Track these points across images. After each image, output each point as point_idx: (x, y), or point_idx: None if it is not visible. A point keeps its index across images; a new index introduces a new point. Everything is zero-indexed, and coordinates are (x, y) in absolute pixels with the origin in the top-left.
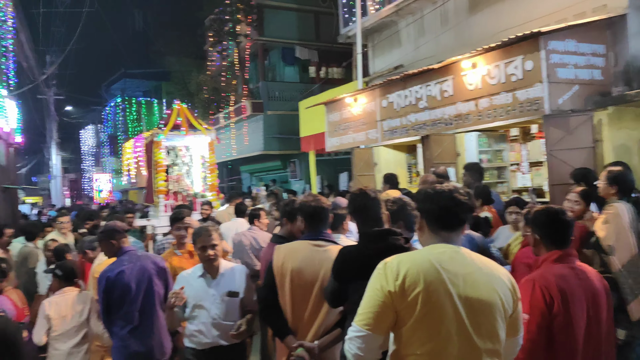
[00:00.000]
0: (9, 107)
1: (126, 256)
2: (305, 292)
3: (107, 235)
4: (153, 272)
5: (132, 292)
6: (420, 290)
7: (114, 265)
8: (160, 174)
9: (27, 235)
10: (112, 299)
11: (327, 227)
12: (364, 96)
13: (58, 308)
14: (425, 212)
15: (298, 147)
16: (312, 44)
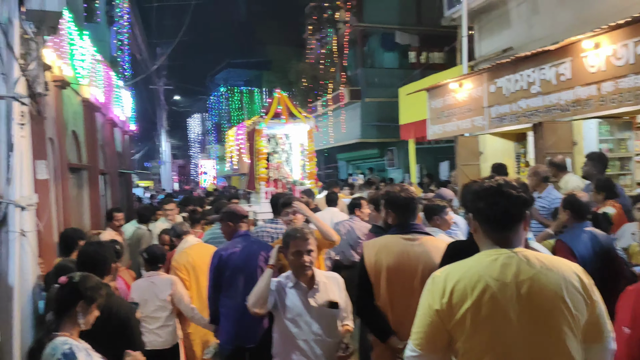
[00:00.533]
0: (124, 97)
1: (240, 239)
2: (404, 289)
3: (226, 216)
4: (261, 259)
5: (240, 274)
6: (469, 306)
7: (228, 245)
8: (261, 161)
9: (140, 218)
10: (222, 277)
11: (415, 219)
12: (470, 81)
13: (140, 292)
14: (475, 212)
15: (396, 135)
16: (412, 28)
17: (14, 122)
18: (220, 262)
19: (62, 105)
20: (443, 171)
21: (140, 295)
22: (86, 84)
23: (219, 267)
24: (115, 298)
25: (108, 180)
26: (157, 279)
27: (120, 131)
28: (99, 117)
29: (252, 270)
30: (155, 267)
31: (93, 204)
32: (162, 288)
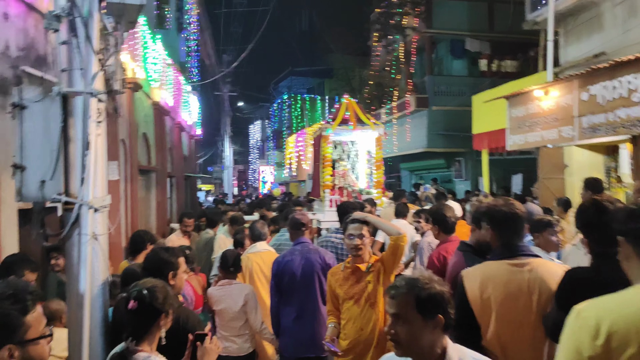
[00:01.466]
0: (192, 102)
1: (299, 247)
2: (517, 326)
3: (290, 225)
4: (318, 267)
5: (297, 282)
6: (634, 352)
7: (287, 252)
8: (327, 168)
9: (209, 223)
10: (281, 284)
11: (522, 239)
12: (557, 89)
13: (215, 300)
14: (631, 235)
15: (464, 145)
16: (484, 34)
17: (90, 120)
18: (278, 270)
19: (134, 107)
20: (515, 184)
21: (215, 306)
22: (157, 87)
23: (277, 274)
24: (182, 309)
25: (174, 183)
26: (231, 288)
27: (187, 135)
28: (168, 121)
29: (309, 278)
30: (230, 274)
31: (160, 206)
32: (237, 298)
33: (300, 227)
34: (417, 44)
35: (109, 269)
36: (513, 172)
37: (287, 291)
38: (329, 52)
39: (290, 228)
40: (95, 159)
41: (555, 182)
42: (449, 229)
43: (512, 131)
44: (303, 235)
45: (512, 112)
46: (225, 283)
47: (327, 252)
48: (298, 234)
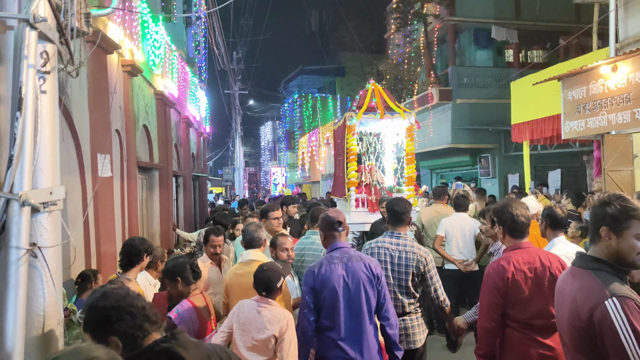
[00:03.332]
0: (200, 96)
1: (337, 253)
2: None
3: (323, 225)
4: (365, 279)
5: (338, 296)
6: None
7: (323, 260)
8: (352, 163)
9: None
10: (319, 299)
11: None
12: (629, 63)
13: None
14: None
15: (491, 140)
16: (510, 22)
17: (27, 65)
18: (315, 283)
19: (131, 94)
20: (553, 181)
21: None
22: (159, 74)
23: (315, 289)
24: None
25: (181, 183)
26: (264, 307)
27: (195, 132)
28: (174, 114)
29: (355, 293)
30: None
31: (164, 208)
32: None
33: (335, 227)
34: (438, 33)
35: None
36: (549, 168)
37: (328, 308)
38: (340, 50)
39: (323, 229)
40: (37, 128)
41: (623, 175)
42: (519, 232)
43: (568, 117)
44: (340, 238)
45: (569, 95)
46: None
47: (372, 260)
48: (333, 236)
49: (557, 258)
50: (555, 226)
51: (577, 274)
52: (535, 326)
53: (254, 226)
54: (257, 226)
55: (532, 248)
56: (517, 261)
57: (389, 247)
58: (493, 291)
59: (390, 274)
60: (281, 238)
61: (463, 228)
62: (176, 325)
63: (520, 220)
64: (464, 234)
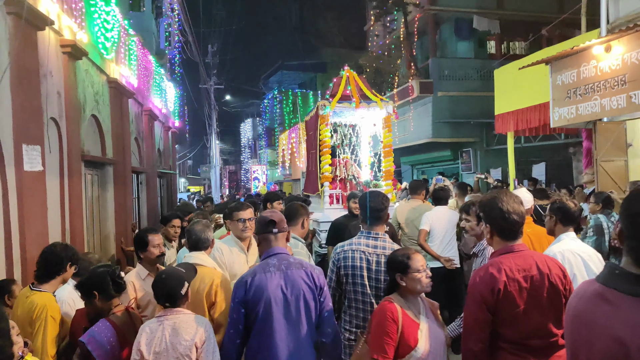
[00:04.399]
0: (168, 89)
1: (274, 260)
2: None
3: (257, 227)
4: (306, 289)
5: (274, 311)
6: None
7: (257, 269)
8: (326, 156)
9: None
10: (250, 315)
11: None
12: (624, 42)
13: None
14: None
15: (473, 134)
16: (492, 12)
17: None
18: (247, 296)
19: (74, 79)
20: (538, 175)
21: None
22: (112, 59)
23: (245, 302)
24: None
25: (144, 180)
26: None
27: (161, 126)
28: (134, 106)
29: (293, 306)
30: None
31: (120, 207)
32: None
33: (269, 229)
34: (418, 23)
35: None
36: (533, 161)
37: (260, 325)
38: (321, 45)
39: (257, 232)
40: None
41: (616, 165)
42: (510, 232)
43: (558, 103)
44: (277, 242)
45: (558, 79)
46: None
47: (314, 267)
48: (268, 240)
49: (557, 264)
50: (567, 221)
51: (618, 302)
52: (531, 347)
53: (200, 225)
54: (205, 225)
55: (527, 252)
56: (510, 268)
57: (365, 250)
58: (480, 305)
59: (366, 282)
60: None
61: (446, 223)
62: (90, 352)
63: (512, 218)
64: (447, 229)
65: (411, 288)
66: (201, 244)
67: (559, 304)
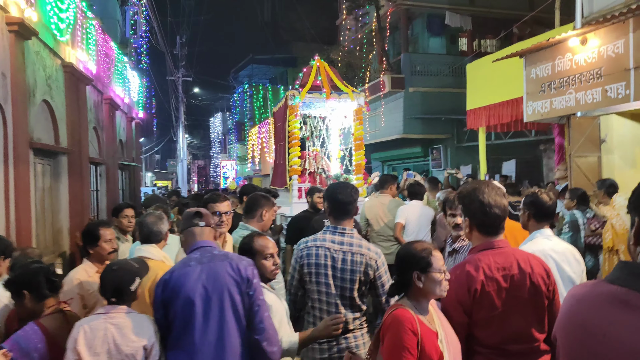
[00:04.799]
0: (131, 78)
1: (197, 254)
2: None
3: (182, 221)
4: (231, 283)
5: (195, 309)
6: None
7: (179, 265)
8: (294, 148)
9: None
10: (169, 316)
11: None
12: (600, 35)
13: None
14: None
15: (444, 130)
16: (464, 9)
17: None
18: (165, 294)
19: (22, 61)
20: (507, 172)
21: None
22: (66, 41)
23: (164, 301)
24: None
25: (103, 172)
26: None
27: (124, 116)
28: (92, 93)
29: (216, 303)
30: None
31: (75, 199)
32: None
33: (194, 221)
34: (390, 18)
35: None
36: (504, 158)
37: (179, 327)
38: (292, 40)
39: (182, 227)
40: None
41: (589, 161)
42: (490, 227)
43: (532, 97)
44: (203, 236)
45: (532, 73)
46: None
47: (242, 259)
48: (193, 234)
49: (540, 262)
50: (542, 216)
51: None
52: (511, 352)
53: (153, 217)
54: (158, 217)
55: (508, 248)
56: (489, 266)
57: (330, 246)
58: (455, 307)
59: (331, 282)
60: (260, 239)
61: (421, 217)
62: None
63: (494, 212)
64: (421, 224)
65: (429, 290)
66: (153, 236)
67: (542, 306)
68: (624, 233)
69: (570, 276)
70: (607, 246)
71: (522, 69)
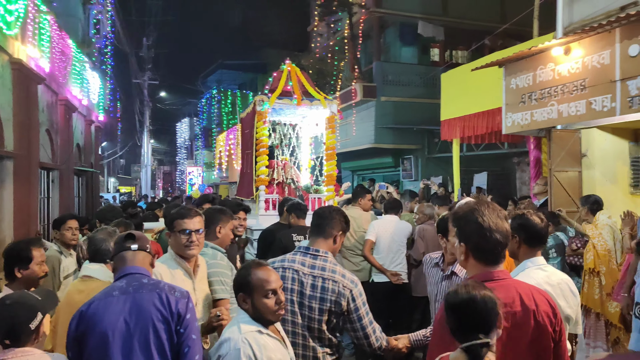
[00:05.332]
0: (91, 79)
1: (123, 282)
2: None
3: (114, 247)
4: (157, 318)
5: (111, 348)
6: None
7: (101, 294)
8: (262, 156)
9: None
10: (84, 353)
11: None
12: (585, 45)
13: None
14: None
15: (415, 140)
16: (437, 18)
17: None
18: (79, 329)
19: None
20: (478, 184)
21: None
22: (15, 36)
23: (78, 337)
24: None
25: (56, 178)
26: None
27: (81, 119)
28: (45, 93)
29: (139, 339)
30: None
31: (21, 207)
32: None
33: (126, 245)
34: (363, 26)
35: None
36: (476, 170)
37: None
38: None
39: (113, 252)
40: None
41: (570, 176)
42: (490, 255)
43: (511, 108)
44: (134, 261)
45: (512, 83)
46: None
47: (176, 289)
48: (123, 259)
49: (545, 297)
50: (534, 242)
51: None
52: None
53: (103, 233)
54: (108, 234)
55: (510, 281)
56: None
57: (299, 269)
58: (448, 346)
59: (297, 310)
60: (260, 271)
61: (395, 233)
62: None
63: (494, 237)
64: (394, 240)
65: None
66: (100, 255)
67: (547, 348)
68: (606, 254)
69: (567, 313)
70: (588, 267)
71: (499, 79)
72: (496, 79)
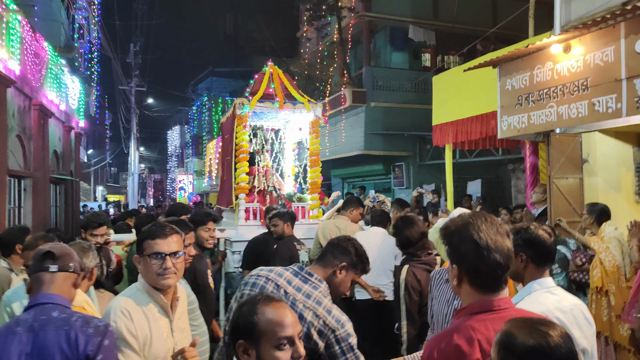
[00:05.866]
0: (69, 83)
1: (30, 314)
2: None
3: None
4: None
5: None
6: None
7: (1, 330)
8: (242, 163)
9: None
10: None
11: None
12: (586, 41)
13: None
14: None
15: (406, 147)
16: (428, 23)
17: None
18: None
19: None
20: (473, 192)
21: None
22: None
23: None
24: None
25: (28, 187)
26: None
27: (59, 125)
28: (16, 97)
29: None
30: None
31: None
32: None
33: (44, 265)
34: (353, 30)
35: None
36: (468, 179)
37: None
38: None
39: (29, 272)
40: None
41: (570, 183)
42: (489, 280)
43: (507, 111)
44: (51, 288)
45: (507, 84)
46: None
47: (90, 324)
48: (40, 281)
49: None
50: (543, 260)
51: None
52: None
53: (77, 247)
54: (81, 249)
55: (513, 311)
56: (487, 339)
57: (282, 284)
58: None
59: None
60: (270, 310)
61: (382, 247)
62: None
63: (493, 258)
64: (379, 255)
65: None
66: None
67: None
68: (614, 271)
69: (582, 345)
70: (595, 286)
71: (493, 80)
72: (490, 80)
